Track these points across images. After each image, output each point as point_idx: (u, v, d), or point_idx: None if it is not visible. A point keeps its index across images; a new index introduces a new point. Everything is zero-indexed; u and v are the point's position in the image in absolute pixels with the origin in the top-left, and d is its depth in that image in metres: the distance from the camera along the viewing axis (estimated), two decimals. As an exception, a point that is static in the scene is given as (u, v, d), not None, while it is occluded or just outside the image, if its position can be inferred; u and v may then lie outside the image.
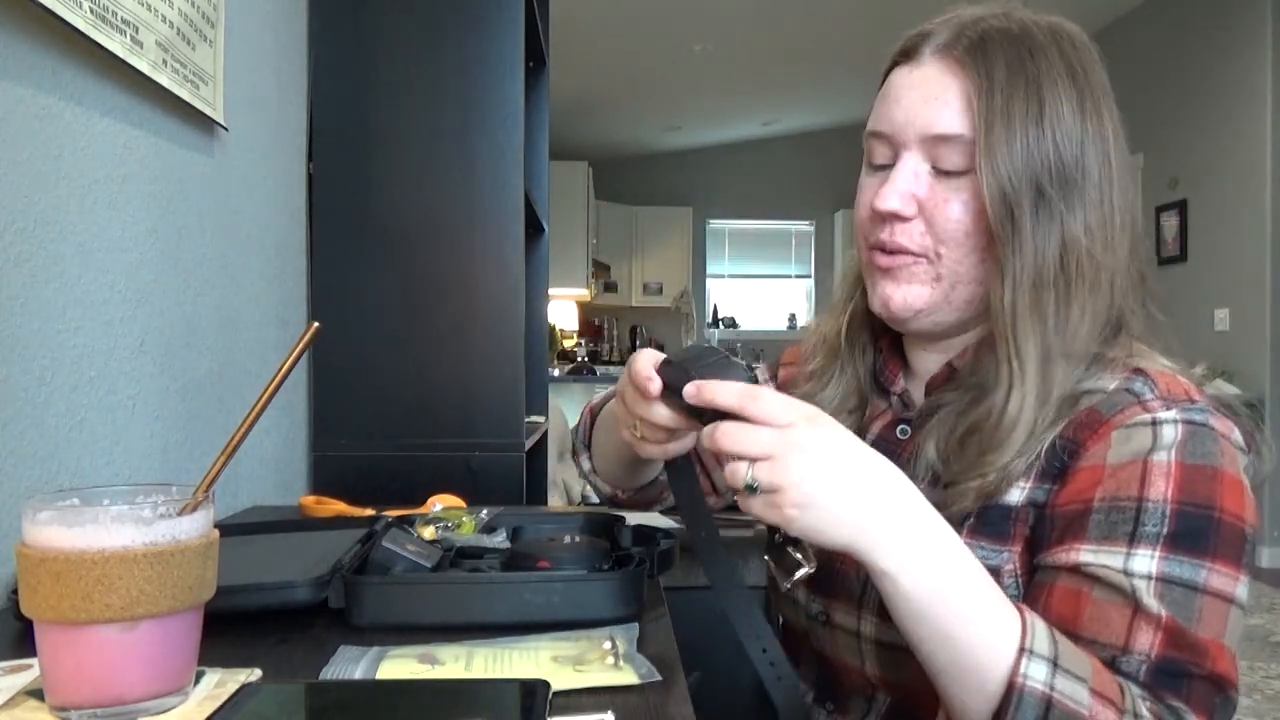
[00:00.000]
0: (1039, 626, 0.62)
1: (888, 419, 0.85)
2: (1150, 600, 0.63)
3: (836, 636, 0.81)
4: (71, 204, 0.86)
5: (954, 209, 0.73)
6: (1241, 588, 0.66)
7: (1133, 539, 0.65)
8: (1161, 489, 0.66)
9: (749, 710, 0.94)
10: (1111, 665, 0.63)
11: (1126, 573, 0.64)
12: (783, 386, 1.00)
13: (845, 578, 0.81)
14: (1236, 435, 0.70)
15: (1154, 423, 0.68)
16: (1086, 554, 0.66)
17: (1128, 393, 0.70)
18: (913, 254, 0.75)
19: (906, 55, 0.77)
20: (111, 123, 0.93)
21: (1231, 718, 0.64)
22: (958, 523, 0.72)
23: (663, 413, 0.70)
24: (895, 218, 0.74)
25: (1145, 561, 0.64)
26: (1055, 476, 0.71)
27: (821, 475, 0.60)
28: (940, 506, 0.72)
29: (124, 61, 0.92)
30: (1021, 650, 0.60)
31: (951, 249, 0.74)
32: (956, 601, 0.62)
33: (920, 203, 0.74)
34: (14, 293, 0.78)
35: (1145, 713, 0.61)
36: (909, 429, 0.83)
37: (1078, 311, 0.72)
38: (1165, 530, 0.65)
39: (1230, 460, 0.68)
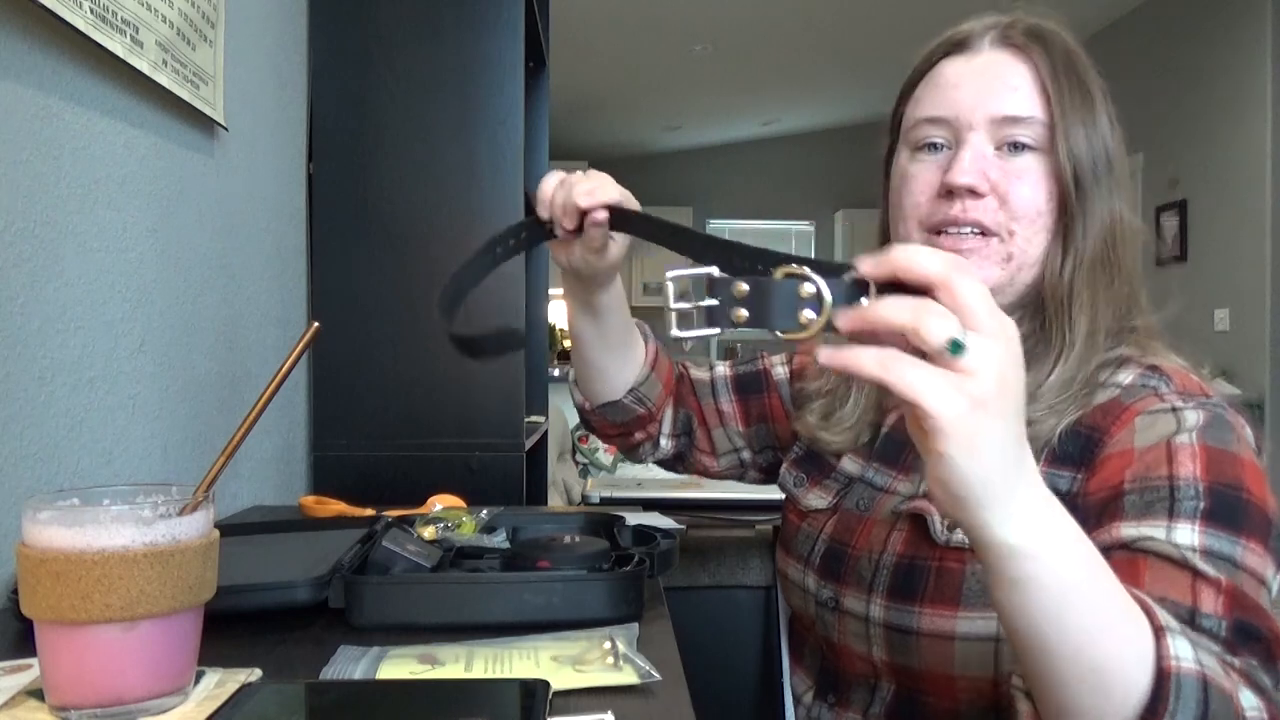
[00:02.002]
0: (1153, 602, 0.54)
1: (898, 414, 0.86)
2: (1205, 565, 0.61)
3: (845, 622, 0.82)
4: (71, 204, 0.86)
5: (1026, 187, 0.76)
6: (1271, 571, 0.64)
7: (1171, 514, 0.65)
8: (1190, 468, 0.66)
9: (749, 710, 0.95)
10: (1190, 623, 0.60)
11: (1173, 544, 0.63)
12: (797, 373, 1.01)
13: (856, 561, 0.82)
14: (1247, 432, 0.71)
15: (1174, 409, 0.70)
16: (1128, 529, 0.65)
17: (1144, 387, 0.73)
18: (985, 232, 0.76)
19: (959, 47, 0.80)
20: (111, 123, 0.93)
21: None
22: None
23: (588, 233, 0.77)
24: (971, 193, 0.75)
25: (1187, 534, 0.63)
26: (1077, 463, 0.72)
27: (1008, 398, 0.46)
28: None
29: (124, 61, 0.92)
30: (1159, 629, 0.52)
31: (1024, 227, 0.76)
32: (1094, 591, 0.51)
33: (992, 182, 0.76)
34: (14, 293, 0.78)
35: (1236, 677, 0.57)
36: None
37: (1118, 291, 0.77)
38: (1202, 505, 0.64)
39: (1246, 449, 0.69)
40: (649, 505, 1.62)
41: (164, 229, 1.05)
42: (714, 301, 0.50)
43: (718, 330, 0.50)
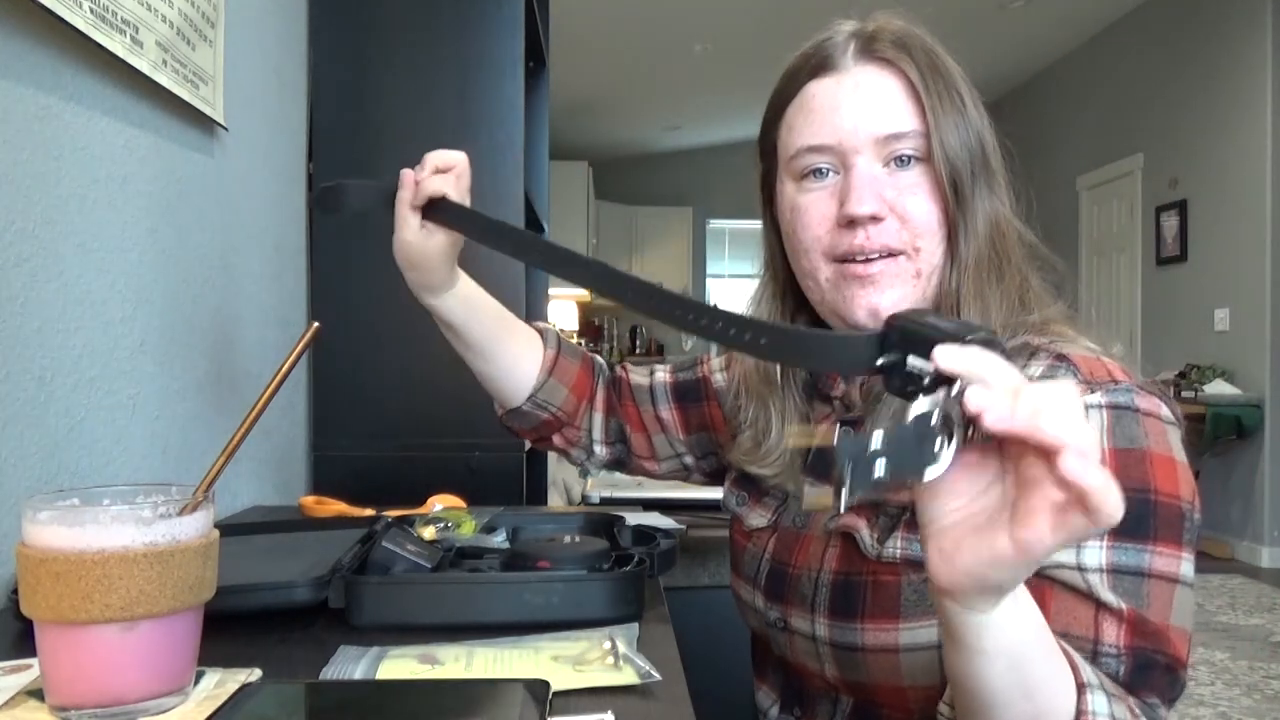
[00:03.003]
0: (1079, 659, 0.59)
1: (829, 422, 0.85)
2: (1108, 595, 0.64)
3: (795, 641, 0.82)
4: (71, 204, 0.86)
5: (919, 201, 0.75)
6: (1185, 565, 0.66)
7: None
8: None
9: (749, 710, 0.95)
10: (1092, 657, 0.64)
11: (1080, 568, 0.65)
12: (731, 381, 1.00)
13: (797, 580, 0.81)
14: (1165, 410, 0.70)
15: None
16: None
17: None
18: (893, 253, 0.75)
19: (824, 68, 0.78)
20: (111, 123, 0.93)
21: (1179, 693, 0.66)
22: (896, 516, 0.74)
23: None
24: (872, 220, 0.74)
25: (1095, 554, 0.65)
26: None
27: None
28: (881, 502, 0.74)
29: (124, 61, 0.92)
30: (1081, 686, 0.57)
31: (927, 240, 0.75)
32: (1039, 654, 0.55)
33: (889, 203, 0.75)
34: (14, 293, 0.78)
35: (1139, 711, 0.61)
36: (851, 430, 0.83)
37: (1008, 286, 0.76)
38: None
39: (1157, 439, 0.68)
40: (649, 505, 1.62)
41: (164, 229, 1.05)
42: (849, 464, 0.45)
43: (854, 496, 0.46)
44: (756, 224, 0.88)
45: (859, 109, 0.75)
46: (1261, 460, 4.54)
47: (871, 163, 0.75)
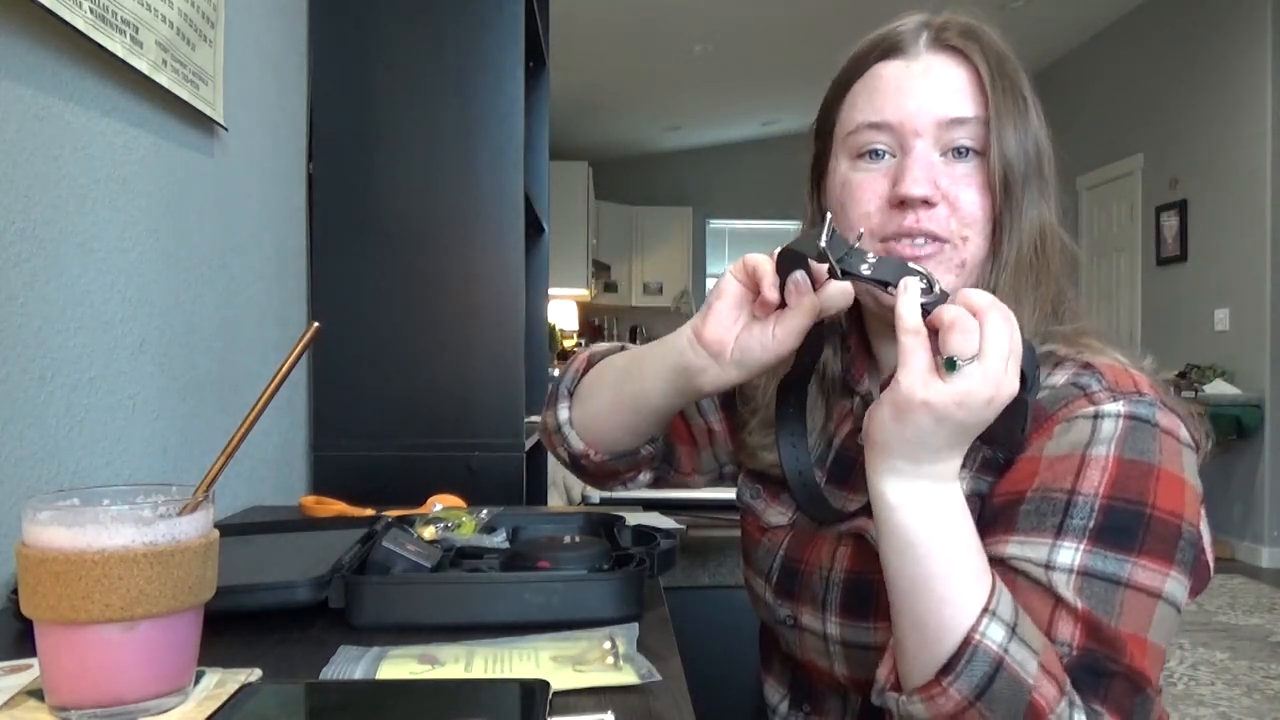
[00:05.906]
0: (1005, 594, 0.62)
1: (849, 426, 0.84)
2: (1068, 593, 0.64)
3: (805, 639, 0.82)
4: (71, 204, 0.86)
5: (972, 193, 0.75)
6: (1172, 583, 0.65)
7: (1059, 531, 0.66)
8: (1095, 482, 0.66)
9: (749, 710, 0.95)
10: None
11: (1049, 565, 0.65)
12: (744, 396, 0.99)
13: (809, 579, 0.81)
14: (1184, 432, 0.69)
15: (1096, 415, 0.69)
16: (1014, 546, 0.67)
17: (1074, 387, 0.71)
18: (940, 240, 0.75)
19: (895, 51, 0.78)
20: (111, 123, 0.93)
21: (1150, 714, 0.65)
22: None
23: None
24: (924, 204, 0.74)
25: (1069, 554, 0.65)
26: (998, 469, 0.72)
27: (962, 416, 0.59)
28: None
29: (124, 61, 0.92)
30: (985, 610, 0.60)
31: (974, 234, 0.75)
32: (941, 551, 0.62)
33: (942, 190, 0.75)
34: (14, 293, 0.78)
35: (1079, 702, 0.61)
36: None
37: (1043, 294, 0.76)
38: (1092, 524, 0.65)
39: (1170, 457, 0.67)
40: (649, 505, 1.62)
41: (164, 229, 1.05)
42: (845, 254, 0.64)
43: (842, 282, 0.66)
44: (757, 224, 0.89)
45: (925, 92, 0.75)
46: (1261, 460, 4.54)
47: (930, 148, 0.75)
